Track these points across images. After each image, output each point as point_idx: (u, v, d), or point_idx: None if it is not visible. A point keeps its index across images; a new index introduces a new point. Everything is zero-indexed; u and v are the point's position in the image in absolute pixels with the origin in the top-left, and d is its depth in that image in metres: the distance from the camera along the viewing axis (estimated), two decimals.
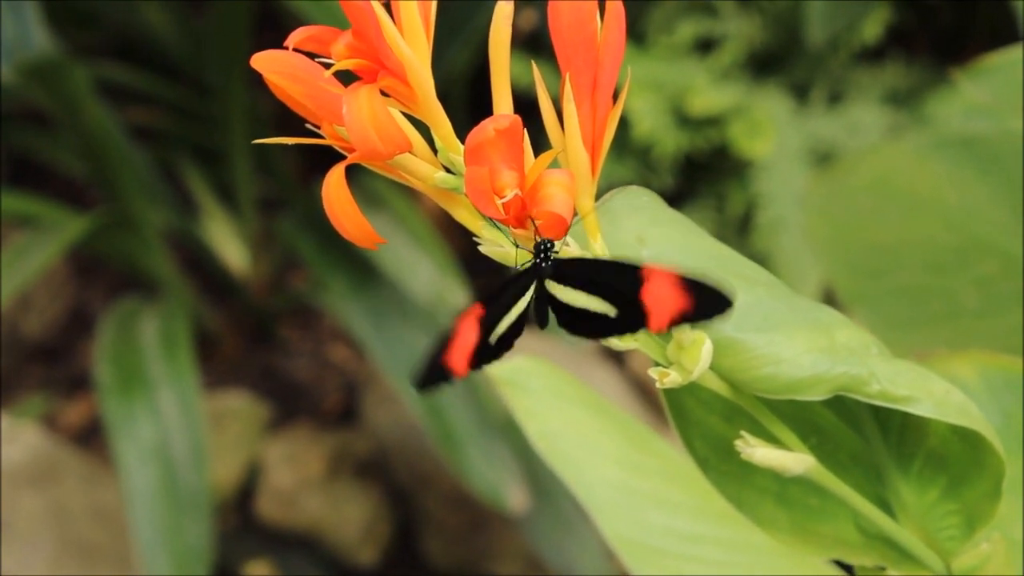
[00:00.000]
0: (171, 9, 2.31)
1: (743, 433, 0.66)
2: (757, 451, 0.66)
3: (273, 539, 2.17)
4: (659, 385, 0.63)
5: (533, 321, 0.62)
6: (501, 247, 0.61)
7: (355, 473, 2.20)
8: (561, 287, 0.60)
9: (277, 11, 2.24)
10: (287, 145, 0.60)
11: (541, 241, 0.59)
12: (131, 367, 1.93)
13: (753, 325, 0.64)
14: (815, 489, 0.72)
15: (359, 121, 0.56)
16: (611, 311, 0.59)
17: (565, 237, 0.60)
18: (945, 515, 0.71)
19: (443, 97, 0.60)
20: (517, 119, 0.56)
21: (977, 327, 1.26)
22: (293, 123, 0.62)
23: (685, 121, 2.30)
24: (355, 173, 0.58)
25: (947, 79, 2.20)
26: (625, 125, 2.25)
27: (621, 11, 0.60)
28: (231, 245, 2.35)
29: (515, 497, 1.85)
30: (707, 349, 0.62)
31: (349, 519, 2.15)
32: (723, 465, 0.72)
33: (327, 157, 0.60)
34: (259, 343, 2.41)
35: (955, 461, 0.70)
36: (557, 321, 0.61)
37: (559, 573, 1.92)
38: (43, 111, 2.20)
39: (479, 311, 0.60)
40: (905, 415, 0.69)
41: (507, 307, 0.60)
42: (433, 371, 0.59)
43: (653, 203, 0.66)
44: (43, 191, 2.38)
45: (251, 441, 2.22)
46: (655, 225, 0.66)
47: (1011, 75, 1.29)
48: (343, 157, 0.59)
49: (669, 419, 0.71)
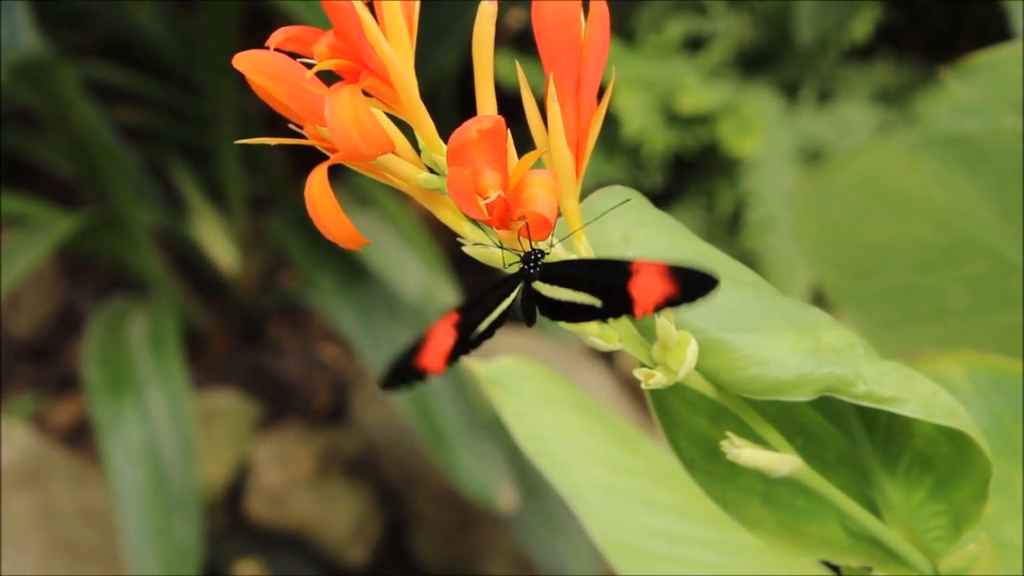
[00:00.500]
0: (160, 9, 2.31)
1: (729, 434, 0.66)
2: (743, 452, 0.66)
3: (262, 538, 2.17)
4: (644, 386, 0.63)
5: (520, 319, 0.62)
6: (485, 247, 0.61)
7: (344, 472, 2.20)
8: (548, 286, 0.60)
9: (266, 11, 2.23)
10: (276, 144, 0.60)
11: (532, 250, 0.59)
12: (120, 367, 1.93)
13: (739, 326, 0.64)
14: (801, 490, 0.72)
15: (341, 121, 0.55)
16: (597, 303, 0.59)
17: (551, 239, 0.60)
18: (932, 516, 0.71)
19: (432, 97, 0.60)
20: (500, 120, 0.56)
21: (966, 327, 1.26)
22: (282, 123, 0.62)
23: (674, 120, 2.30)
24: (344, 172, 0.58)
25: (936, 78, 2.20)
26: (615, 124, 2.24)
27: (605, 11, 0.60)
28: (220, 244, 2.35)
29: (505, 496, 1.85)
30: (692, 350, 0.62)
31: (339, 518, 2.15)
32: (709, 466, 0.72)
33: (317, 156, 0.60)
34: (248, 342, 2.41)
35: (942, 462, 0.70)
36: (541, 312, 0.61)
37: (549, 572, 1.92)
38: (32, 111, 2.19)
39: (455, 318, 0.60)
40: (891, 416, 0.69)
41: (489, 309, 0.60)
42: (400, 372, 0.60)
43: (639, 203, 0.66)
44: (32, 191, 2.38)
45: (240, 440, 2.22)
46: (641, 225, 0.65)
47: (1000, 74, 1.29)
48: (328, 158, 0.59)
49: (655, 420, 0.71)
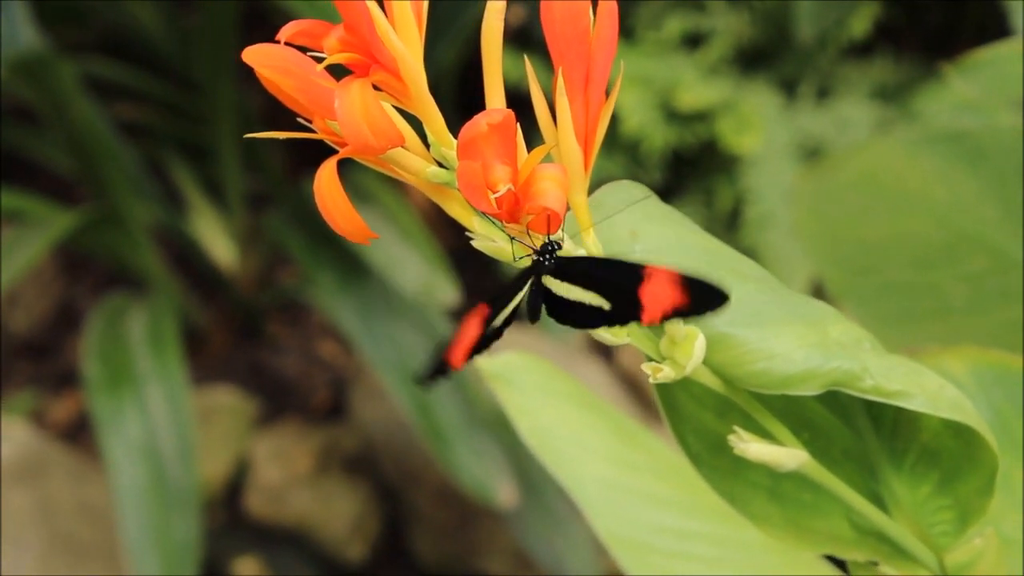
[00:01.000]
0: (159, 6, 2.31)
1: (736, 428, 0.66)
2: (750, 446, 0.66)
3: (261, 535, 2.17)
4: (652, 380, 0.63)
5: (523, 316, 0.62)
6: (494, 242, 0.61)
7: (343, 469, 2.20)
8: (558, 282, 0.60)
9: (265, 8, 2.23)
10: (275, 141, 0.60)
11: (547, 241, 0.59)
12: (119, 363, 1.93)
13: (746, 320, 0.64)
14: (808, 484, 0.72)
15: (352, 115, 0.55)
16: (605, 304, 0.59)
17: (561, 233, 0.60)
18: (938, 510, 0.71)
19: (431, 92, 0.60)
20: (510, 114, 0.56)
21: (966, 323, 1.26)
22: (281, 119, 0.62)
23: (673, 116, 2.30)
24: (343, 167, 0.58)
25: (935, 75, 2.20)
26: (614, 120, 2.24)
27: (614, 6, 0.60)
28: (219, 241, 2.35)
29: (504, 493, 1.85)
30: (700, 344, 0.62)
31: (337, 515, 2.15)
32: (715, 460, 0.72)
33: (315, 152, 0.60)
34: (247, 339, 2.41)
35: (948, 456, 0.70)
36: (547, 312, 0.61)
37: (548, 569, 1.92)
38: (31, 107, 2.19)
39: (485, 311, 0.60)
40: (898, 410, 0.69)
41: (506, 303, 0.60)
42: (437, 367, 0.59)
43: (646, 198, 0.66)
44: (31, 187, 2.38)
45: (239, 437, 2.22)
46: (648, 220, 0.66)
47: (1001, 70, 1.29)
48: (333, 152, 0.59)
49: (662, 414, 0.71)
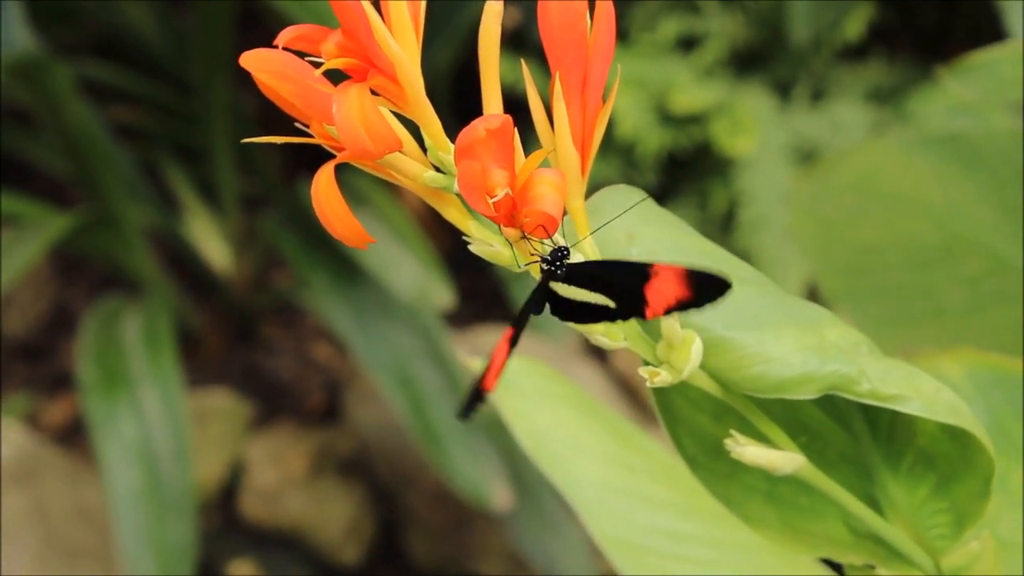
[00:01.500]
0: (154, 7, 2.30)
1: (733, 432, 0.66)
2: (747, 450, 0.66)
3: (256, 538, 2.17)
4: (649, 384, 0.63)
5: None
6: (491, 246, 0.61)
7: (338, 472, 2.20)
8: (566, 286, 0.60)
9: (260, 9, 2.23)
10: (270, 143, 0.59)
11: (556, 248, 0.59)
12: (114, 366, 1.93)
13: (743, 324, 0.64)
14: (804, 488, 0.72)
15: (349, 120, 0.55)
16: (610, 303, 0.59)
17: (560, 238, 0.60)
18: (934, 513, 0.71)
19: (427, 95, 0.60)
20: (508, 119, 0.56)
21: (962, 325, 1.26)
22: (276, 121, 0.62)
23: (668, 119, 2.30)
24: (338, 171, 0.58)
25: (929, 77, 2.20)
26: (609, 123, 2.24)
27: (611, 10, 0.60)
28: (214, 243, 2.34)
29: (499, 495, 1.85)
30: (697, 348, 0.62)
31: (332, 518, 2.15)
32: (712, 464, 0.72)
33: (310, 155, 0.60)
34: (242, 341, 2.41)
35: (944, 459, 0.70)
36: (551, 311, 0.61)
37: (542, 572, 1.92)
38: (25, 109, 2.19)
39: (510, 333, 0.60)
40: (895, 413, 0.69)
41: (526, 321, 0.61)
42: (475, 397, 0.59)
43: (643, 201, 0.66)
44: (25, 189, 2.37)
45: (234, 440, 2.22)
46: (645, 223, 0.66)
47: (995, 73, 1.29)
48: (328, 155, 0.59)
49: (658, 418, 0.71)
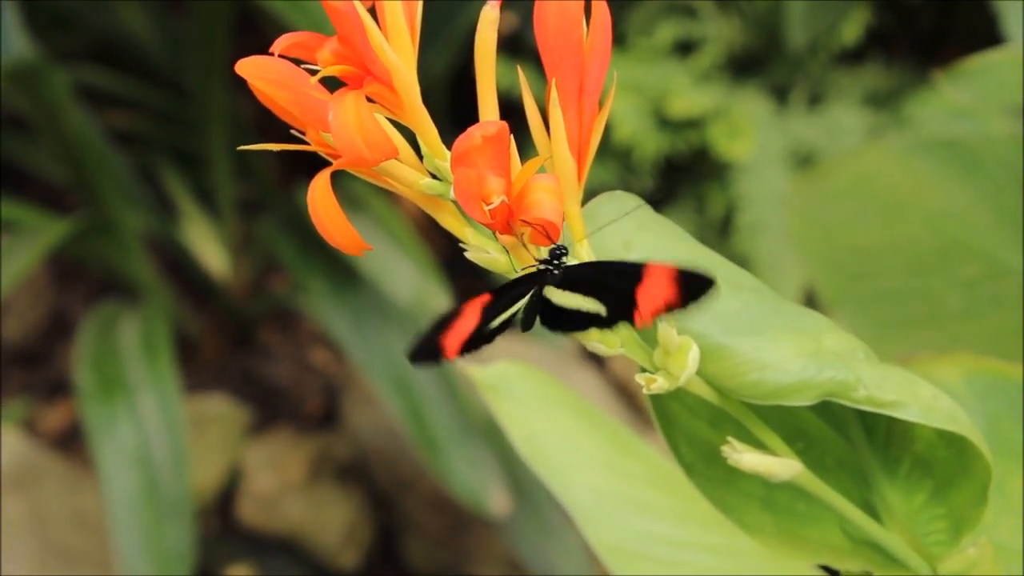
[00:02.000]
0: (150, 12, 2.30)
1: (730, 439, 0.66)
2: (744, 457, 0.66)
3: (254, 543, 2.17)
4: (646, 391, 0.62)
5: (515, 324, 0.62)
6: (487, 253, 0.61)
7: (336, 477, 2.19)
8: (559, 291, 0.60)
9: (256, 14, 2.23)
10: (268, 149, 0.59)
11: (555, 246, 0.59)
12: (111, 371, 1.92)
13: (740, 330, 0.64)
14: (801, 494, 0.72)
15: (345, 127, 0.55)
16: (602, 310, 0.59)
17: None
18: (932, 519, 0.71)
19: (423, 101, 0.59)
20: (504, 125, 0.56)
21: (959, 330, 1.26)
22: (273, 126, 0.62)
23: (665, 123, 2.30)
24: (334, 176, 0.58)
25: (926, 81, 2.20)
26: (606, 128, 2.24)
27: (607, 16, 0.60)
28: (211, 249, 2.34)
29: (497, 500, 1.85)
30: (694, 355, 0.62)
31: (330, 523, 2.15)
32: (709, 470, 0.72)
33: (307, 160, 0.60)
34: (239, 347, 2.41)
35: (941, 466, 0.70)
36: (541, 321, 0.61)
37: None
38: (23, 116, 2.19)
39: (487, 299, 0.60)
40: (892, 420, 0.69)
41: (506, 306, 0.60)
42: (429, 346, 0.59)
43: (639, 208, 0.66)
44: (23, 195, 2.37)
45: (232, 445, 2.22)
46: (641, 230, 0.66)
47: (993, 78, 1.29)
48: (325, 160, 0.59)
49: (655, 424, 0.71)
